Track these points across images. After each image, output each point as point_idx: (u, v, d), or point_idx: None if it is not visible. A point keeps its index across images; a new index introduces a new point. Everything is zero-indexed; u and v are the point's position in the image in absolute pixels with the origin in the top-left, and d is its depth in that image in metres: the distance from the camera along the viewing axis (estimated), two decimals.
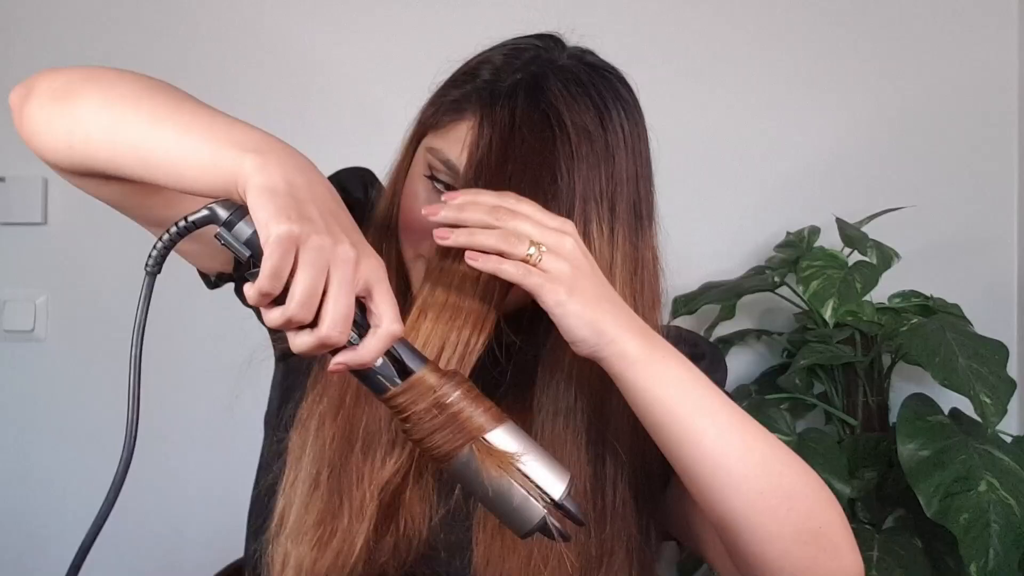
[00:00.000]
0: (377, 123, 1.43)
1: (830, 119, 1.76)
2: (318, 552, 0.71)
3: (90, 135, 0.65)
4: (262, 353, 0.86)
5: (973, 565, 1.25)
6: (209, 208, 0.57)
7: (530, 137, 0.72)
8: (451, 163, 0.75)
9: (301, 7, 1.75)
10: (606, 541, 0.75)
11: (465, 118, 0.75)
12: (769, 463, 0.69)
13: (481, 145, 0.73)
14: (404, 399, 0.60)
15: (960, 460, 1.31)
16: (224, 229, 0.57)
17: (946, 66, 1.77)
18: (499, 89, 0.74)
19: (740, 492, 0.67)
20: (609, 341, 0.67)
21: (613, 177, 0.74)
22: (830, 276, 1.43)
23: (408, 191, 0.78)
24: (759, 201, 1.75)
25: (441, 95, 0.79)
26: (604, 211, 0.74)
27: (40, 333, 1.72)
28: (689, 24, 1.77)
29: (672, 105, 1.70)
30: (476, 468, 0.60)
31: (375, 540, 0.72)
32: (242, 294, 0.82)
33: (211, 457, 1.69)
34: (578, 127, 0.73)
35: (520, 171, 0.71)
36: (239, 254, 0.57)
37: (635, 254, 0.76)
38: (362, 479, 0.71)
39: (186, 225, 0.57)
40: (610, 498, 0.76)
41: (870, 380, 1.56)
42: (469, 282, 0.70)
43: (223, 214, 0.57)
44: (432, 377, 0.61)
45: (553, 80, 0.74)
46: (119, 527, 1.68)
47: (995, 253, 1.77)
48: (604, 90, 0.76)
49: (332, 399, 0.75)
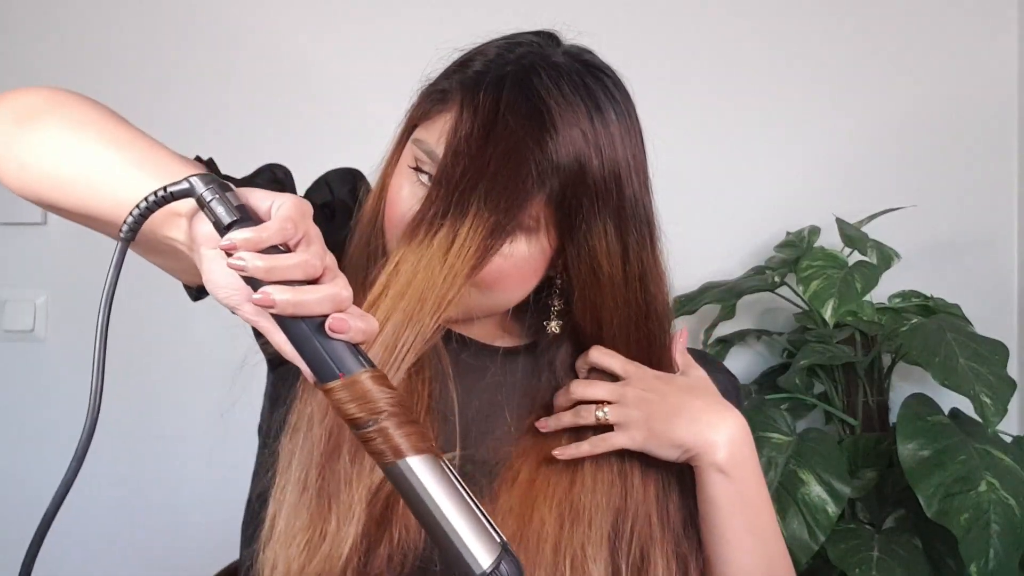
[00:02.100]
0: (370, 125, 1.42)
1: (830, 119, 1.76)
2: (306, 557, 0.70)
3: (41, 167, 0.64)
4: (256, 356, 0.86)
5: (973, 565, 1.25)
6: (189, 181, 0.56)
7: (515, 124, 0.71)
8: (434, 154, 0.73)
9: (294, 10, 1.75)
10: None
11: (450, 108, 0.74)
12: (776, 563, 0.82)
13: (461, 131, 0.71)
14: (339, 395, 0.56)
15: (960, 460, 1.30)
16: (209, 191, 0.56)
17: (946, 66, 1.77)
18: (486, 79, 0.73)
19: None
20: (695, 456, 0.78)
21: (605, 172, 0.73)
22: (830, 276, 1.43)
23: (394, 184, 0.77)
24: (759, 201, 1.75)
25: (432, 87, 0.78)
26: (598, 202, 0.73)
27: (40, 333, 1.72)
28: (690, 25, 1.77)
29: (672, 105, 1.70)
30: (407, 487, 0.55)
31: (367, 550, 0.71)
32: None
33: (210, 459, 1.69)
34: (567, 122, 0.71)
35: (503, 158, 0.70)
36: (220, 218, 0.56)
37: (637, 262, 0.77)
38: (350, 482, 0.70)
39: (164, 195, 0.56)
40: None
41: (870, 380, 1.56)
42: (436, 263, 0.69)
43: (201, 188, 0.56)
44: (370, 383, 0.56)
45: (545, 74, 0.73)
46: (120, 527, 1.69)
47: (995, 253, 1.77)
48: (597, 89, 0.74)
49: (320, 402, 0.73)
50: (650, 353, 0.81)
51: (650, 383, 0.79)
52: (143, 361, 1.69)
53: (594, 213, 0.73)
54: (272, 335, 0.58)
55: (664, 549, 0.78)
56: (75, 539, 1.67)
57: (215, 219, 0.56)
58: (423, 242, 0.69)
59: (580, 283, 0.77)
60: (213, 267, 0.57)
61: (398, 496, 0.71)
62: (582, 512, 0.77)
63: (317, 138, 1.68)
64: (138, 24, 1.73)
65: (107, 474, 1.68)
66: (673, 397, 0.79)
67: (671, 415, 0.78)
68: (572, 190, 0.72)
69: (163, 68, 1.71)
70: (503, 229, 0.70)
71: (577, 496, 0.78)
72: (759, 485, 0.80)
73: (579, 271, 0.76)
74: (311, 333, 0.56)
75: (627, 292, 0.77)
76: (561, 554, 0.75)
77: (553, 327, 0.81)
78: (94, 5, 1.73)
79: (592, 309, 0.78)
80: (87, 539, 1.67)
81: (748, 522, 0.79)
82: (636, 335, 0.80)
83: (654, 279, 0.79)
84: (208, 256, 0.57)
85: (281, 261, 0.55)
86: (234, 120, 1.69)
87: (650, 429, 0.77)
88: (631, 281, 0.77)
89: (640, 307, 0.79)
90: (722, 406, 0.80)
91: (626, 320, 0.79)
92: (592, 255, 0.75)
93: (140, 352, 1.68)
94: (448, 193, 0.70)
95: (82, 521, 1.67)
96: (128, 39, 1.73)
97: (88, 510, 1.67)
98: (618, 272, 0.76)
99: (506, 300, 0.78)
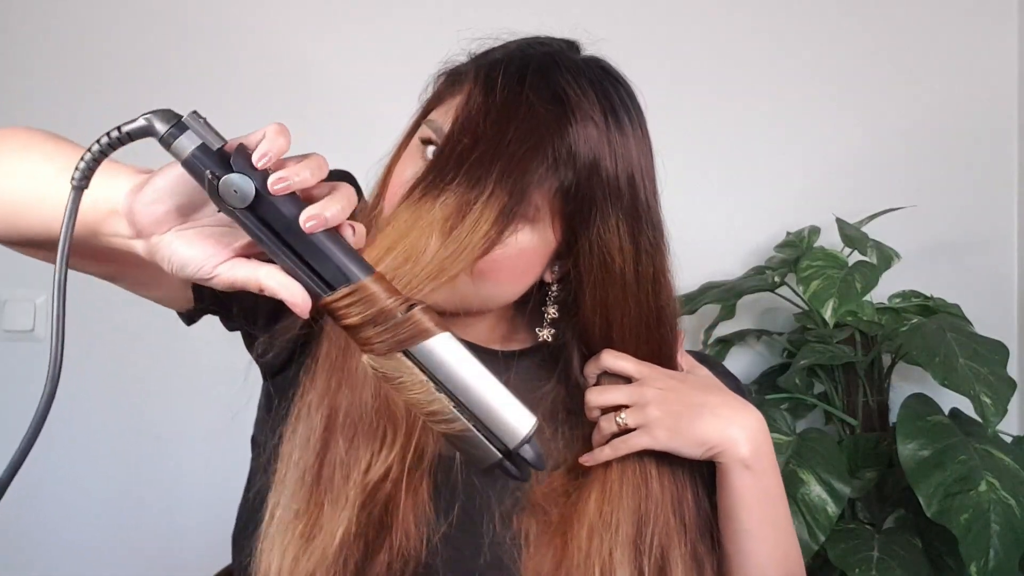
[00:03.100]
0: (370, 125, 1.42)
1: (831, 120, 1.76)
2: (301, 546, 0.69)
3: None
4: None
5: (973, 565, 1.25)
6: (146, 118, 0.52)
7: (538, 106, 0.70)
8: (442, 131, 0.72)
9: (294, 10, 1.75)
10: None
11: (464, 88, 0.73)
12: (789, 561, 0.82)
13: (474, 103, 0.70)
14: (372, 289, 0.54)
15: (960, 460, 1.30)
16: (175, 128, 0.52)
17: (947, 67, 1.77)
18: (507, 63, 0.73)
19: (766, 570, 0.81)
20: (720, 452, 0.77)
21: (618, 170, 0.73)
22: (830, 276, 1.43)
23: (398, 167, 0.76)
24: (759, 201, 1.75)
25: (448, 72, 0.78)
26: (611, 198, 0.72)
27: (40, 333, 1.72)
28: (691, 26, 1.77)
29: (673, 105, 1.70)
30: (441, 361, 0.55)
31: (366, 556, 0.71)
32: (223, 325, 0.82)
33: (208, 460, 1.69)
34: (586, 115, 0.71)
35: (522, 139, 0.68)
36: (209, 143, 0.52)
37: (649, 264, 0.76)
38: (346, 468, 0.70)
39: (119, 136, 0.52)
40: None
41: (870, 380, 1.56)
42: (436, 228, 0.67)
43: (161, 128, 0.52)
44: (376, 287, 0.54)
45: (566, 68, 0.73)
46: (117, 527, 1.69)
47: (995, 253, 1.77)
48: (614, 94, 0.75)
49: (319, 389, 0.73)
50: (660, 358, 0.80)
51: (666, 382, 0.78)
52: (141, 362, 1.69)
53: (607, 208, 0.72)
54: (255, 276, 0.55)
55: (682, 551, 0.78)
56: (73, 539, 1.67)
57: (201, 142, 0.52)
58: (421, 202, 0.67)
59: (591, 278, 0.75)
60: (173, 247, 0.55)
61: (397, 497, 0.71)
62: (610, 518, 0.76)
63: (317, 139, 1.67)
64: (137, 25, 1.73)
65: (105, 475, 1.68)
66: (691, 395, 0.78)
67: (693, 413, 0.77)
68: (587, 182, 0.71)
69: (162, 69, 1.71)
70: (513, 213, 0.68)
71: (606, 503, 0.77)
72: (778, 478, 0.81)
73: (591, 265, 0.74)
74: (326, 241, 0.54)
75: (639, 292, 0.76)
76: (591, 560, 0.75)
77: (545, 335, 0.80)
78: (93, 6, 1.73)
79: (602, 306, 0.76)
80: (85, 539, 1.67)
81: (769, 514, 0.79)
82: (648, 337, 0.79)
83: (664, 287, 0.78)
84: (165, 240, 0.55)
85: (313, 162, 0.54)
86: (233, 120, 1.68)
87: (672, 428, 0.76)
88: (643, 283, 0.76)
89: (652, 311, 0.77)
90: (739, 402, 0.80)
91: (637, 322, 0.77)
92: (604, 248, 0.73)
93: (138, 353, 1.68)
94: (456, 163, 0.68)
95: (80, 521, 1.67)
96: (127, 39, 1.73)
97: (86, 510, 1.67)
98: (630, 269, 0.75)
99: (494, 295, 0.76)
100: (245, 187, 0.52)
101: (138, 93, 1.69)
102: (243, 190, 0.52)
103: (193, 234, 0.55)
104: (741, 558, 0.80)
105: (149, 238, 0.55)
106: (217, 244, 0.55)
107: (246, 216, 0.53)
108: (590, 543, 0.75)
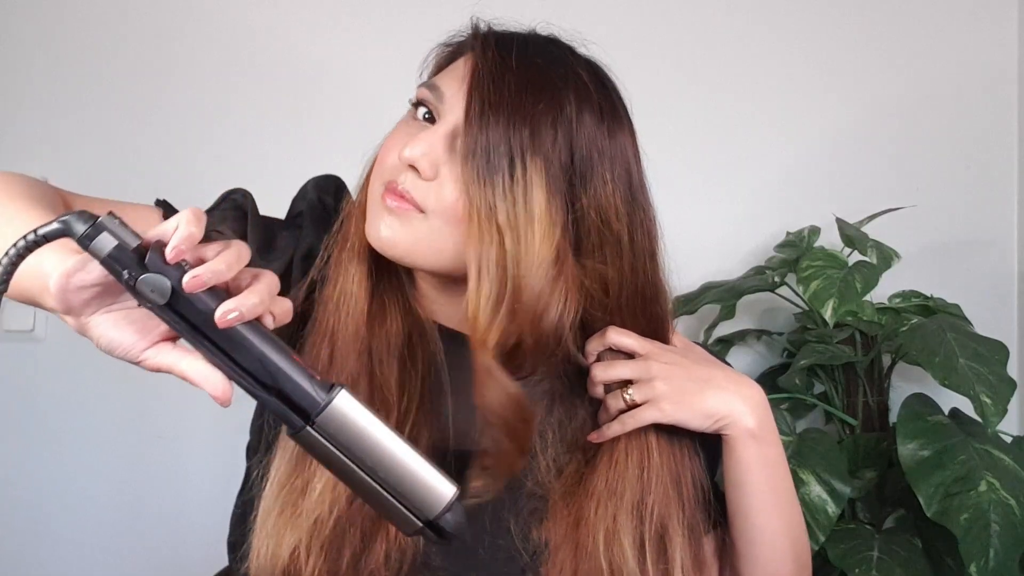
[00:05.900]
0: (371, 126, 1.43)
1: (830, 119, 1.76)
2: (289, 519, 0.71)
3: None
4: None
5: (973, 565, 1.25)
6: (62, 221, 0.52)
7: (545, 66, 0.73)
8: (439, 89, 0.75)
9: (300, 11, 1.75)
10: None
11: (463, 56, 0.76)
12: (795, 530, 0.84)
13: (486, 66, 0.72)
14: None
15: (960, 460, 1.30)
16: (92, 229, 0.52)
17: (946, 65, 1.77)
18: (503, 32, 0.76)
19: (775, 548, 0.83)
20: (727, 424, 0.79)
21: (614, 152, 0.75)
22: (830, 276, 1.43)
23: (391, 133, 0.79)
24: (759, 201, 1.75)
25: (441, 47, 0.81)
26: (606, 170, 0.74)
27: (40, 333, 1.72)
28: (688, 23, 1.77)
29: (671, 104, 1.70)
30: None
31: (364, 545, 0.71)
32: None
33: (210, 460, 1.69)
34: (584, 94, 0.74)
35: (537, 90, 0.71)
36: (125, 241, 0.52)
37: (643, 239, 0.77)
38: None
39: (35, 239, 0.52)
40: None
41: (870, 380, 1.56)
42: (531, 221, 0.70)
43: (79, 229, 0.52)
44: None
45: (563, 46, 0.77)
46: (118, 527, 1.69)
47: (995, 253, 1.77)
48: (608, 86, 0.78)
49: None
50: (656, 336, 0.82)
51: (671, 357, 0.80)
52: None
53: (606, 174, 0.74)
54: (178, 365, 0.57)
55: (681, 522, 0.79)
56: (73, 539, 1.67)
57: (117, 243, 0.52)
58: (509, 181, 0.70)
59: (589, 242, 0.75)
60: (101, 330, 0.56)
61: None
62: (615, 486, 0.78)
63: (317, 139, 1.68)
64: (140, 25, 1.73)
65: (106, 474, 1.68)
66: (695, 369, 0.80)
67: (698, 386, 0.79)
68: (587, 143, 0.73)
69: (165, 69, 1.71)
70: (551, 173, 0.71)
71: (612, 475, 0.78)
72: (780, 447, 0.83)
73: (588, 230, 0.74)
74: (244, 332, 0.55)
75: (635, 260, 0.77)
76: (596, 527, 0.76)
77: None
78: (97, 6, 1.73)
79: (600, 272, 0.76)
80: (85, 539, 1.67)
81: (775, 485, 0.82)
82: (643, 310, 0.80)
83: (659, 268, 0.80)
84: (94, 322, 0.56)
85: (231, 254, 0.54)
86: (238, 121, 1.68)
87: (680, 401, 0.78)
88: (639, 254, 0.77)
89: (649, 284, 0.79)
90: (739, 375, 0.82)
91: (633, 293, 0.78)
92: (601, 207, 0.74)
93: None
94: (496, 125, 0.70)
95: (81, 521, 1.67)
96: (130, 39, 1.73)
97: (87, 510, 1.67)
98: (625, 234, 0.75)
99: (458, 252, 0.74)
100: (161, 285, 0.53)
101: (141, 94, 1.69)
102: (160, 288, 0.53)
103: (121, 316, 0.57)
104: (749, 530, 0.82)
105: (79, 317, 0.57)
106: (142, 329, 0.57)
107: (165, 312, 0.54)
108: (596, 511, 0.77)
